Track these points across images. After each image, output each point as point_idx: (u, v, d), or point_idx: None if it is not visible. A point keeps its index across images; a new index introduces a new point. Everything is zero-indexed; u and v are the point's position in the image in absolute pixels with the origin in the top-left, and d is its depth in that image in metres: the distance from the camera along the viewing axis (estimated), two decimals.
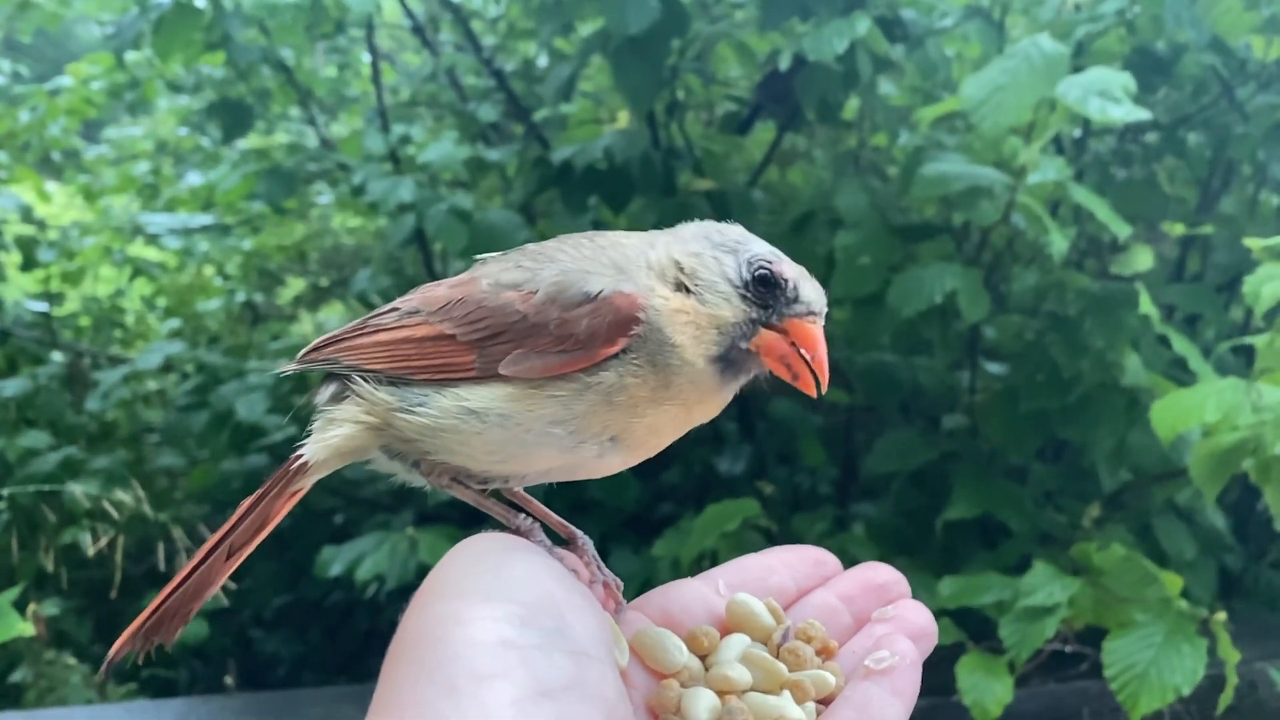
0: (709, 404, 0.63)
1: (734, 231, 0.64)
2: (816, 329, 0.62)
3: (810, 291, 0.62)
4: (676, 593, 0.63)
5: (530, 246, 0.65)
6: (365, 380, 0.63)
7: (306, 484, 0.67)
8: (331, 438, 0.65)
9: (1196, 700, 1.79)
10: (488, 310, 0.61)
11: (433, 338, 0.62)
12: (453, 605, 0.49)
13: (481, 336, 0.60)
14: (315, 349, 0.67)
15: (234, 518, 0.66)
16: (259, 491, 0.67)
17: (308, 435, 0.67)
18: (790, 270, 0.62)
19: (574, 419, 0.59)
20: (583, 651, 0.49)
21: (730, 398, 0.64)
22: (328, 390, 0.66)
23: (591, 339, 0.58)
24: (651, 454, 0.63)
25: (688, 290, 0.61)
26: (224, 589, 0.70)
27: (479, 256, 0.67)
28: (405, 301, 0.65)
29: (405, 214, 2.35)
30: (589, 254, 0.62)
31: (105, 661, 0.65)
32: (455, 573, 0.52)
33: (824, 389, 0.62)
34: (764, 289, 0.61)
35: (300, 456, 0.66)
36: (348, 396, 0.64)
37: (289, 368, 0.69)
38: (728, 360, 0.61)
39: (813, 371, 0.62)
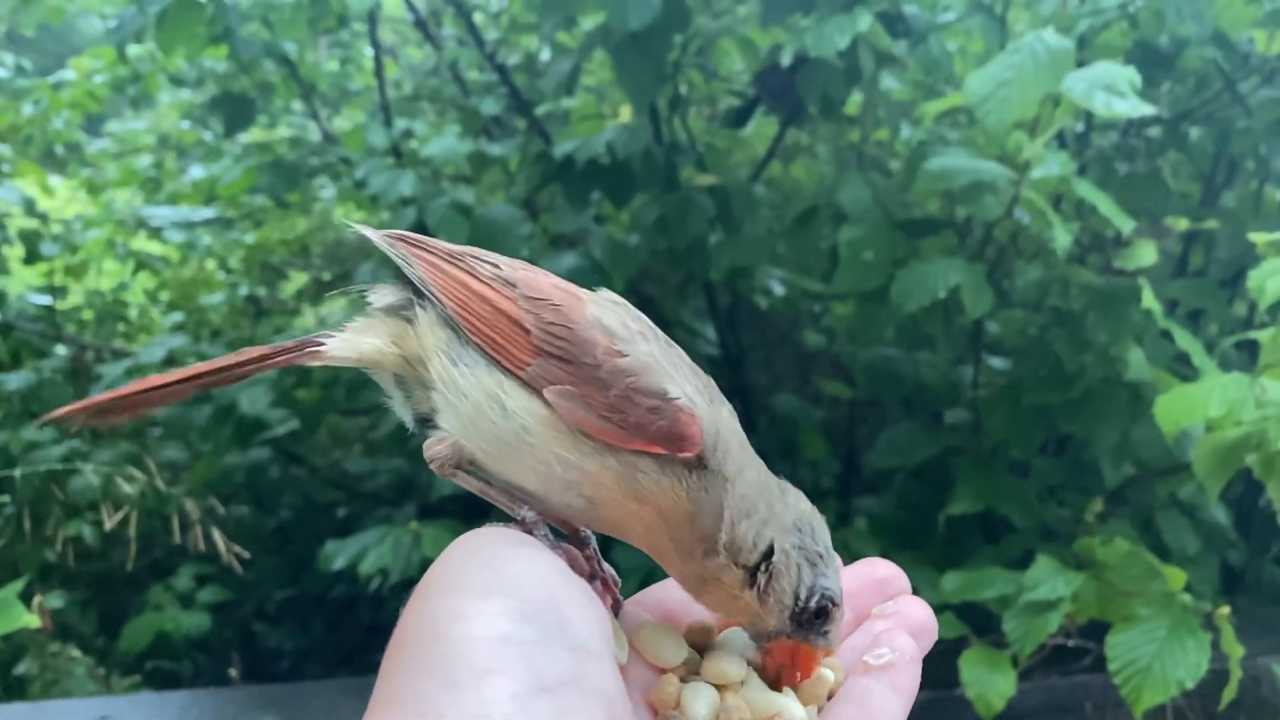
0: (683, 569, 0.60)
1: (821, 534, 0.60)
2: (814, 656, 0.59)
3: (835, 632, 0.59)
4: (676, 589, 0.63)
5: (658, 332, 0.62)
6: (432, 306, 0.61)
7: (312, 365, 0.65)
8: (364, 343, 0.63)
9: (1200, 695, 1.79)
10: (572, 334, 0.58)
11: (510, 317, 0.59)
12: (452, 600, 0.49)
13: (550, 351, 0.58)
14: (403, 240, 0.64)
15: (232, 359, 0.64)
16: (263, 351, 0.64)
17: (336, 330, 0.64)
18: (841, 615, 0.59)
19: (581, 471, 0.58)
20: (582, 647, 0.49)
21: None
22: (385, 297, 0.64)
23: (637, 429, 0.57)
24: (605, 533, 0.62)
25: (754, 581, 0.58)
26: (228, 582, 0.70)
27: (607, 290, 0.64)
28: (509, 267, 0.62)
29: (406, 208, 2.35)
30: (694, 383, 0.60)
31: (43, 418, 0.63)
32: (455, 567, 0.52)
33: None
34: (807, 616, 0.58)
35: (321, 344, 0.63)
36: (402, 313, 0.62)
37: (370, 231, 0.66)
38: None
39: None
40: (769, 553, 0.58)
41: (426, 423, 0.62)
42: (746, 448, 0.61)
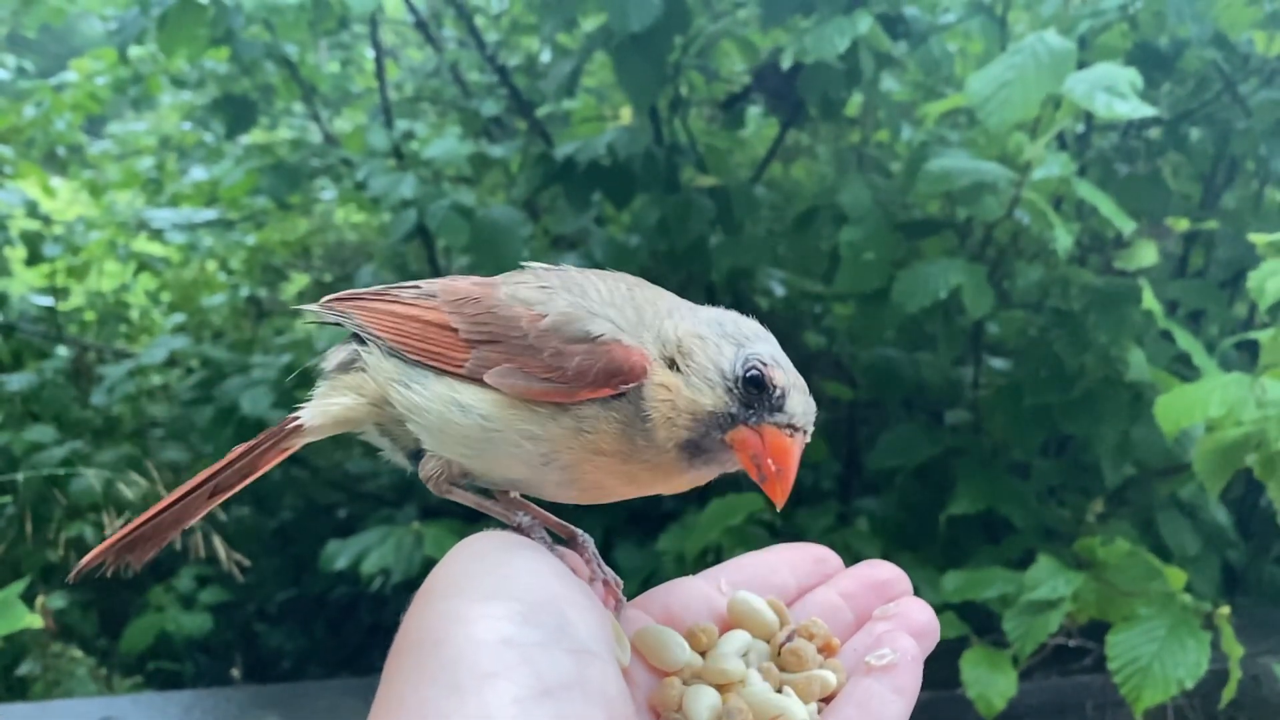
0: (669, 483, 0.62)
1: (748, 326, 0.63)
2: (791, 443, 0.60)
3: (797, 405, 0.60)
4: (678, 591, 0.64)
5: (571, 270, 0.65)
6: (375, 346, 0.65)
7: (297, 445, 0.68)
8: (331, 405, 0.66)
9: (1200, 694, 1.80)
10: (495, 318, 0.62)
11: (438, 325, 0.63)
12: (454, 604, 0.49)
13: (480, 339, 0.62)
14: (339, 299, 0.69)
15: (224, 461, 0.67)
16: (251, 443, 0.68)
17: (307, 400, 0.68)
18: (782, 378, 0.60)
19: (546, 440, 0.59)
20: (584, 649, 0.49)
21: (701, 480, 0.63)
22: (336, 357, 0.68)
23: (578, 377, 0.59)
24: (598, 502, 0.63)
25: (678, 369, 0.60)
26: (230, 583, 0.72)
27: (524, 263, 0.67)
28: (429, 284, 0.67)
29: (407, 210, 2.35)
30: (612, 298, 0.62)
31: (75, 569, 0.66)
32: (456, 571, 0.52)
33: (782, 501, 0.60)
34: (752, 389, 0.60)
35: (297, 419, 0.67)
36: (355, 366, 0.66)
37: (310, 307, 0.70)
38: (698, 447, 0.60)
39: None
40: (679, 345, 0.61)
41: (418, 457, 0.65)
42: (669, 306, 0.63)
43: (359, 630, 2.86)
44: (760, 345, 0.62)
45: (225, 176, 2.75)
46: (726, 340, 0.61)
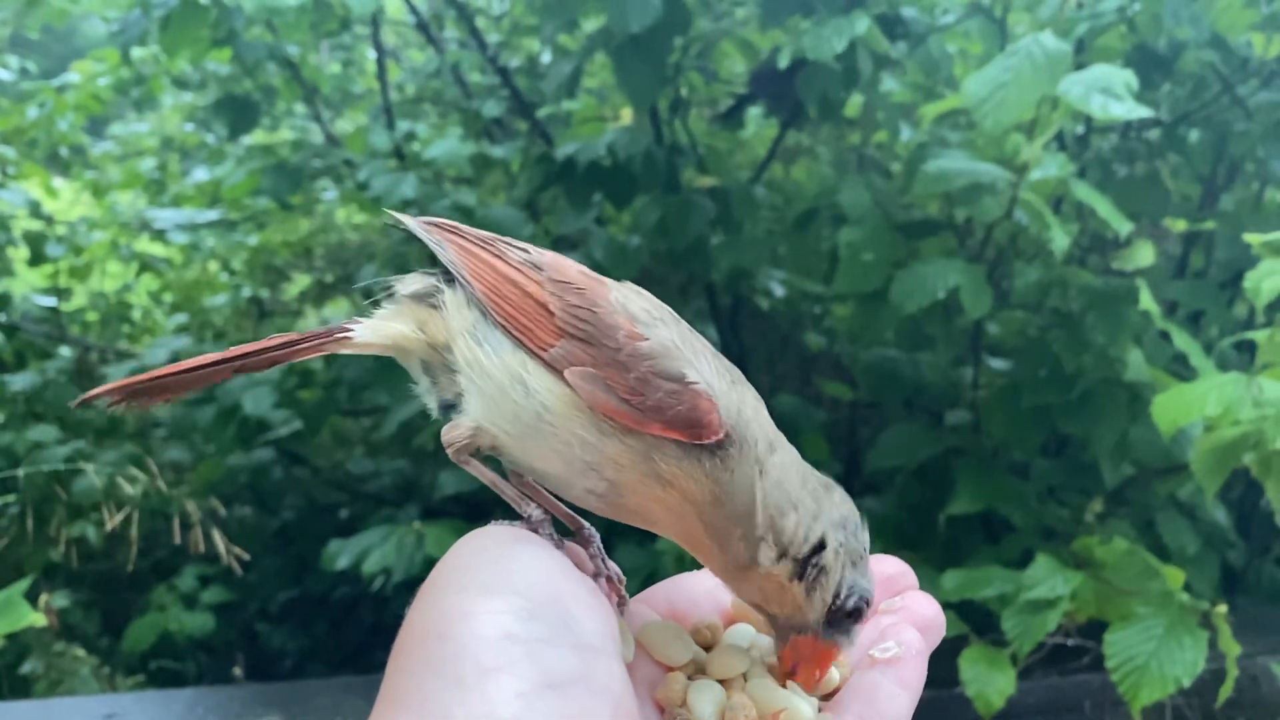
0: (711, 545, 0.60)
1: (865, 539, 0.60)
2: (831, 654, 0.59)
3: (858, 635, 0.60)
4: (683, 586, 0.64)
5: (685, 324, 0.62)
6: (462, 289, 0.62)
7: (339, 350, 0.65)
8: (390, 327, 0.64)
9: (1198, 694, 1.80)
10: (595, 318, 0.59)
11: (536, 300, 0.60)
12: (457, 599, 0.49)
13: (573, 333, 0.59)
14: (439, 226, 0.66)
15: (260, 344, 0.64)
16: (294, 336, 0.64)
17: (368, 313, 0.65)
18: (868, 613, 0.60)
19: (598, 450, 0.58)
20: (589, 645, 0.49)
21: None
22: (413, 284, 0.65)
23: (654, 411, 0.57)
24: (624, 521, 0.62)
25: (802, 569, 0.58)
26: (232, 583, 0.71)
27: (624, 282, 0.64)
28: (539, 253, 0.64)
29: (408, 210, 2.36)
30: (713, 368, 0.60)
31: (80, 397, 0.64)
32: (460, 565, 0.52)
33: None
34: (846, 618, 0.58)
35: (348, 330, 0.64)
36: (429, 301, 0.63)
37: (407, 219, 0.67)
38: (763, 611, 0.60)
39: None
40: (819, 546, 0.58)
41: (450, 409, 0.63)
42: (777, 434, 0.61)
43: (361, 630, 2.87)
44: (870, 573, 0.60)
45: (227, 177, 2.76)
46: (849, 560, 0.58)
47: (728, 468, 0.58)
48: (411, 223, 0.67)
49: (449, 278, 0.63)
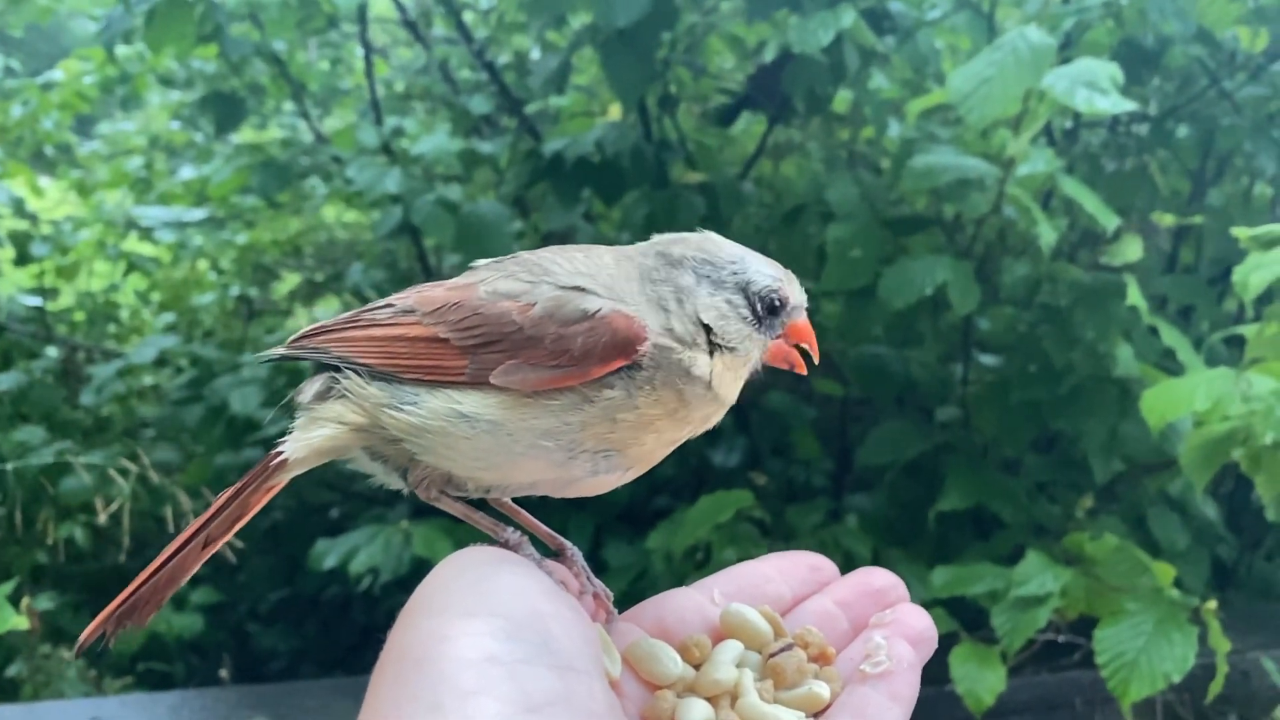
0: (717, 417, 0.65)
1: (726, 253, 0.64)
2: (807, 323, 0.65)
3: (797, 292, 0.65)
4: (671, 603, 0.63)
5: (524, 255, 0.65)
6: (356, 374, 0.63)
7: (284, 480, 0.67)
8: (314, 437, 0.64)
9: (1190, 689, 1.80)
10: (484, 318, 0.61)
11: (426, 339, 0.62)
12: (438, 621, 0.49)
13: (475, 343, 0.60)
14: (305, 336, 0.67)
15: (212, 509, 0.66)
16: (237, 485, 0.66)
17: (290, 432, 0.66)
18: (788, 286, 0.64)
19: (568, 432, 0.59)
20: (569, 666, 0.49)
21: None
22: (311, 388, 0.66)
23: (586, 356, 0.58)
24: (647, 469, 0.64)
25: (720, 348, 0.62)
26: (222, 584, 0.71)
27: (474, 263, 0.66)
28: (400, 299, 0.65)
29: (393, 205, 2.35)
30: (584, 269, 0.62)
31: (78, 644, 0.66)
32: (439, 588, 0.52)
33: (815, 363, 0.66)
34: (774, 315, 0.64)
35: (280, 454, 0.65)
36: (333, 394, 0.64)
37: (275, 352, 0.69)
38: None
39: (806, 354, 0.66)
40: (705, 326, 0.62)
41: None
42: (619, 265, 0.64)
43: (351, 630, 2.86)
44: (754, 270, 0.64)
45: (215, 175, 2.74)
46: (732, 290, 0.63)
47: (659, 364, 0.60)
48: (279, 351, 0.69)
49: (336, 369, 0.65)
